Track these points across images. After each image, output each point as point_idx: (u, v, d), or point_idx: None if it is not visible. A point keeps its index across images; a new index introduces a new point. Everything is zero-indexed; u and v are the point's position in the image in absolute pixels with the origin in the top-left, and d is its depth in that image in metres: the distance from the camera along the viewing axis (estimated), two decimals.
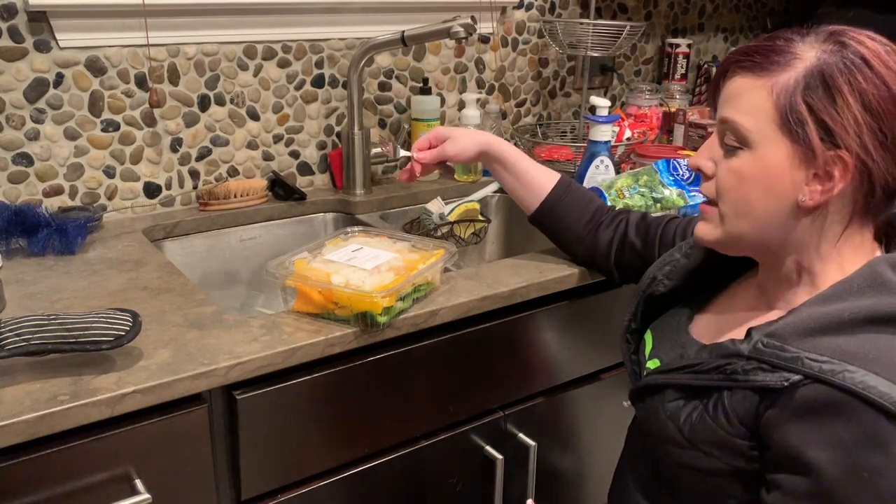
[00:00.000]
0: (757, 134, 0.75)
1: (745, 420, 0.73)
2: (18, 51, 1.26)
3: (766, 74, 0.74)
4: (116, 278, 1.14)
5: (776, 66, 0.74)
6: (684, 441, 0.78)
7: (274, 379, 0.97)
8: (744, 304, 0.87)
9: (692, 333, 0.89)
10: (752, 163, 0.75)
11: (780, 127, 0.73)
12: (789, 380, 0.69)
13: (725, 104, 0.78)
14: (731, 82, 0.77)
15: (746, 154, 0.76)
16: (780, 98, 0.73)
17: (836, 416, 0.67)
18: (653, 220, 1.11)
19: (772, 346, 0.72)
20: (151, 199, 1.44)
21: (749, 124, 0.75)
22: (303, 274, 1.02)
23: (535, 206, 1.18)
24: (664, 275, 0.96)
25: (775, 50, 0.75)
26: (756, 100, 0.74)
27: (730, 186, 0.78)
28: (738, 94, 0.76)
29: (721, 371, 0.75)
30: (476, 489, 1.24)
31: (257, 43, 1.48)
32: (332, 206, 1.57)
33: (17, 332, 0.84)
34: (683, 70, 2.11)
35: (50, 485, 0.84)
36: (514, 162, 1.18)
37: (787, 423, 0.70)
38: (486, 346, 1.17)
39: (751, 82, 0.75)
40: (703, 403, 0.77)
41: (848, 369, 0.67)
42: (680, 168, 1.39)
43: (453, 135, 1.20)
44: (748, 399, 0.73)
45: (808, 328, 0.71)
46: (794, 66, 0.73)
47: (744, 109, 0.75)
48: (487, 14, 1.71)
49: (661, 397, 0.82)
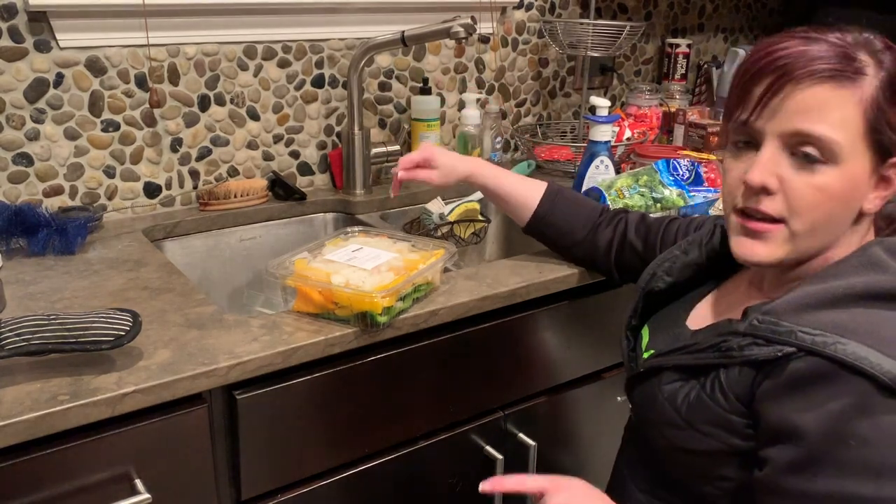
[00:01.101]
0: (848, 148, 0.71)
1: (742, 396, 0.74)
2: (18, 51, 1.26)
3: (848, 86, 0.71)
4: (116, 278, 1.14)
5: (855, 75, 0.71)
6: (682, 422, 0.79)
7: (274, 379, 0.97)
8: (741, 294, 0.87)
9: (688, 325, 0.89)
10: (840, 178, 0.72)
11: (865, 139, 0.72)
12: (782, 351, 0.70)
13: (798, 117, 0.72)
14: (805, 93, 0.71)
15: (831, 169, 0.72)
16: (870, 111, 0.71)
17: (827, 385, 0.68)
18: (653, 221, 1.11)
19: (766, 321, 0.73)
20: (151, 199, 1.44)
21: (842, 139, 0.71)
22: (303, 274, 1.02)
23: (526, 219, 1.19)
24: (664, 271, 0.97)
25: (844, 55, 0.71)
26: (846, 113, 0.71)
27: (813, 204, 0.73)
28: (821, 107, 0.71)
29: (717, 349, 0.76)
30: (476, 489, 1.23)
31: (257, 43, 1.48)
32: (332, 206, 1.57)
33: (17, 332, 0.84)
34: (683, 70, 2.11)
35: (50, 485, 0.84)
36: (498, 187, 1.19)
37: (779, 395, 0.70)
38: (486, 346, 1.17)
39: (835, 94, 0.71)
40: (701, 383, 0.77)
41: (840, 341, 0.68)
42: (680, 168, 1.39)
43: (441, 165, 1.20)
44: (744, 375, 0.74)
45: (803, 304, 0.72)
46: (866, 74, 0.71)
47: (833, 123, 0.71)
48: (487, 14, 1.71)
49: (658, 380, 0.82)
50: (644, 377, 0.86)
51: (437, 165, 1.20)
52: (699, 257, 0.94)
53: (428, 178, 1.20)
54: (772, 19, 2.41)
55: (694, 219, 1.07)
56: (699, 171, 1.39)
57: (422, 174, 1.20)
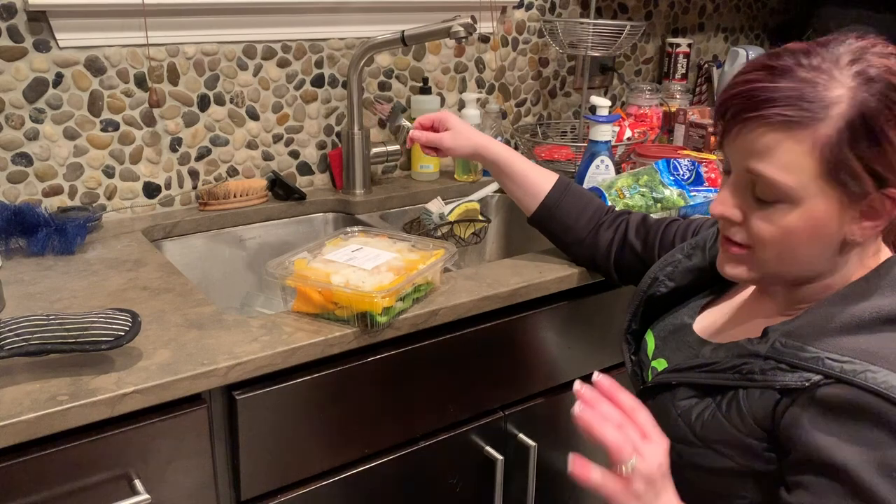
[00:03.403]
0: (802, 191, 0.70)
1: (761, 420, 0.73)
2: (18, 50, 1.26)
3: (800, 130, 0.68)
4: (116, 278, 1.13)
5: (809, 118, 0.68)
6: (696, 439, 0.78)
7: (274, 379, 0.97)
8: (755, 308, 0.86)
9: (697, 333, 0.88)
10: (797, 217, 0.71)
11: (825, 180, 0.69)
12: (810, 380, 0.69)
13: (752, 157, 0.71)
14: (754, 134, 0.70)
15: (788, 208, 0.71)
16: (826, 154, 0.68)
17: (863, 416, 0.66)
18: (653, 222, 1.11)
19: (790, 345, 0.71)
20: (151, 199, 1.44)
21: (792, 182, 0.69)
22: (302, 274, 1.02)
23: (533, 208, 1.18)
24: (666, 275, 0.96)
25: (802, 97, 0.68)
26: (796, 158, 0.69)
27: (773, 239, 0.73)
28: (769, 150, 0.70)
29: (738, 371, 0.75)
30: (476, 489, 1.24)
31: (257, 43, 1.48)
32: (331, 206, 1.56)
33: (16, 332, 0.83)
34: (684, 70, 2.11)
35: (50, 485, 0.83)
36: (510, 165, 1.18)
37: (810, 424, 0.69)
38: (486, 346, 1.17)
39: (783, 139, 0.69)
40: (717, 402, 0.76)
41: (870, 369, 0.66)
42: (680, 168, 1.39)
43: (455, 127, 1.21)
44: (765, 398, 0.72)
45: (828, 328, 0.71)
46: (828, 114, 0.68)
47: (782, 167, 0.69)
48: (487, 14, 1.71)
49: (672, 396, 0.81)
50: (657, 390, 0.84)
51: (450, 127, 1.20)
52: (702, 261, 0.94)
53: (439, 140, 1.20)
54: (772, 19, 2.41)
55: (693, 220, 1.07)
56: (699, 170, 1.39)
57: (433, 135, 1.21)
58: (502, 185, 1.22)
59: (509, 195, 1.23)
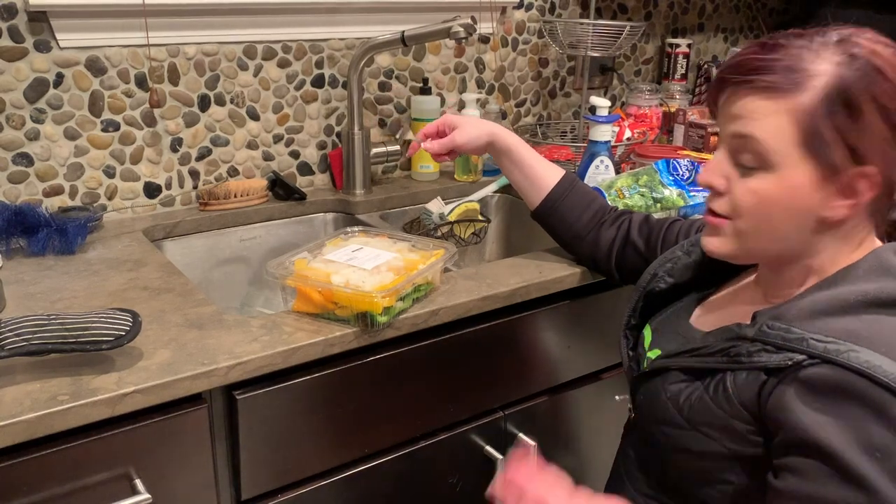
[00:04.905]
0: (780, 156, 0.73)
1: (747, 402, 0.73)
2: (18, 51, 1.26)
3: (782, 96, 0.72)
4: (116, 278, 1.14)
5: (792, 86, 0.71)
6: (683, 421, 0.79)
7: (274, 379, 0.97)
8: (746, 297, 0.87)
9: (693, 325, 0.89)
10: (775, 184, 0.74)
11: (803, 149, 0.72)
12: (793, 359, 0.70)
13: (737, 121, 0.75)
14: (741, 101, 0.74)
15: (767, 175, 0.74)
16: (804, 121, 0.71)
17: (846, 396, 0.67)
18: (656, 222, 1.11)
19: (777, 327, 0.72)
20: (151, 199, 1.44)
21: (771, 146, 0.73)
22: (303, 274, 1.02)
23: (538, 201, 1.18)
24: (665, 271, 0.96)
25: (787, 67, 0.72)
26: (777, 122, 0.72)
27: (750, 206, 0.76)
28: (753, 115, 0.74)
29: (725, 353, 0.76)
30: (476, 489, 1.24)
31: (257, 43, 1.48)
32: (332, 206, 1.57)
33: (17, 332, 0.84)
34: (683, 70, 2.11)
35: (50, 485, 0.84)
36: (519, 154, 1.19)
37: (794, 404, 0.70)
38: (486, 346, 1.17)
39: (766, 104, 0.73)
40: (705, 385, 0.77)
41: (853, 349, 0.67)
42: (680, 168, 1.39)
43: (461, 123, 1.20)
44: (751, 380, 0.73)
45: (813, 310, 0.72)
46: (810, 84, 0.71)
47: (763, 130, 0.73)
48: (487, 14, 1.71)
49: (663, 380, 0.82)
50: (649, 376, 0.86)
51: (456, 126, 1.20)
52: (701, 258, 0.94)
53: (451, 141, 1.19)
54: (772, 19, 2.41)
55: (696, 220, 1.08)
56: (699, 171, 1.39)
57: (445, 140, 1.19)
58: (509, 174, 1.21)
59: (514, 185, 1.22)
